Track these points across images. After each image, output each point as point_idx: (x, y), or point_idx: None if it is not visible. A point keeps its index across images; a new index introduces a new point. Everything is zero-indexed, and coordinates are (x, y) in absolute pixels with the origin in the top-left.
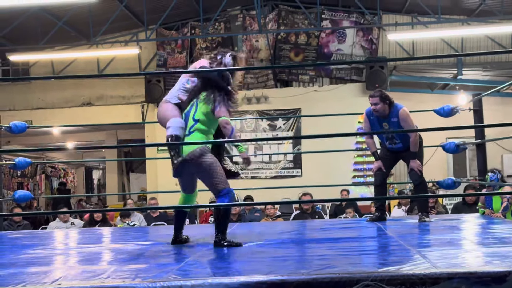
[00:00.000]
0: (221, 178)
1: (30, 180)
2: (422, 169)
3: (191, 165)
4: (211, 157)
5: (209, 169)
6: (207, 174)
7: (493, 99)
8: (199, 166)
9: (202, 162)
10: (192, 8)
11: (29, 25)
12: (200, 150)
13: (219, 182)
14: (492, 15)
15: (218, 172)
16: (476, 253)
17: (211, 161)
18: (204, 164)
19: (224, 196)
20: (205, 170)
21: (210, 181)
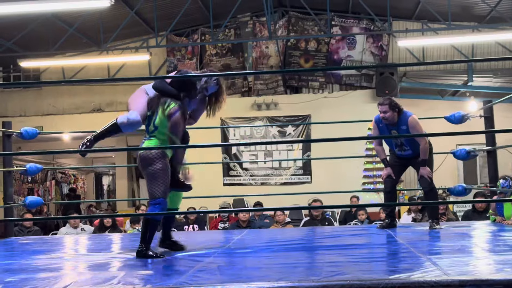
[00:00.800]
0: (161, 187)
1: (41, 186)
2: (432, 176)
3: (139, 164)
4: (161, 165)
5: (151, 175)
6: (148, 179)
7: (504, 106)
8: (145, 167)
9: (149, 166)
10: (202, 15)
11: (40, 32)
12: (154, 155)
13: (155, 191)
14: (503, 22)
15: (160, 180)
16: (487, 260)
17: (158, 168)
18: (150, 168)
19: (155, 206)
20: (148, 174)
21: (149, 186)
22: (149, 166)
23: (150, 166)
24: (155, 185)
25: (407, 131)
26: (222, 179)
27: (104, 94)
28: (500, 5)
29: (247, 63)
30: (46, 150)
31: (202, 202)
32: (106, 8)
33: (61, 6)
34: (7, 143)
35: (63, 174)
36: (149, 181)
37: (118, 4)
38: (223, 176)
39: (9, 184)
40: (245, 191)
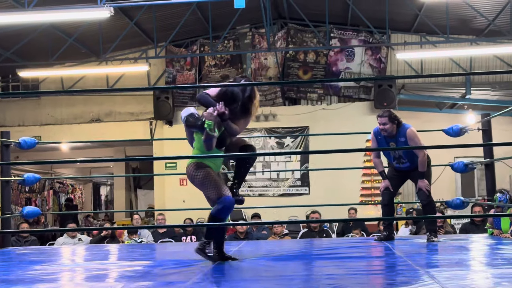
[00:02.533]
0: (214, 189)
1: (38, 196)
2: (430, 189)
3: (189, 179)
4: (201, 173)
5: (201, 185)
6: (201, 189)
7: (502, 119)
8: (193, 180)
9: (195, 177)
10: (201, 26)
11: (40, 42)
12: (190, 169)
13: (212, 194)
14: (500, 35)
15: (209, 184)
16: (485, 274)
17: (201, 176)
18: (195, 181)
19: (218, 204)
20: (198, 186)
21: (205, 193)
22: (194, 179)
23: (195, 178)
24: (208, 191)
25: (406, 143)
26: None
27: (103, 105)
28: (498, 19)
29: (246, 74)
30: (44, 160)
31: (200, 213)
32: (105, 19)
33: (61, 17)
34: (5, 152)
35: (61, 184)
36: (203, 191)
37: (118, 15)
38: None
39: (7, 194)
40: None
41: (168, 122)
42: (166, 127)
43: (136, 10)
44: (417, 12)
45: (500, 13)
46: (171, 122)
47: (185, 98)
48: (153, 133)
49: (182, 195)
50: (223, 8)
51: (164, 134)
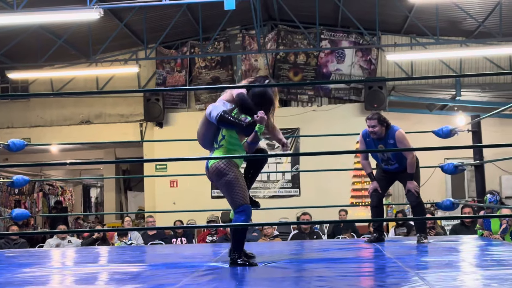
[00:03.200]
0: (240, 194)
1: (28, 198)
2: (419, 190)
3: (213, 178)
4: (233, 173)
5: (228, 185)
6: (226, 190)
7: (491, 120)
8: (218, 180)
9: (222, 178)
10: (191, 27)
11: (29, 43)
12: (220, 166)
13: (236, 198)
14: (490, 37)
15: (237, 188)
16: (474, 275)
17: (231, 178)
18: (223, 180)
19: (240, 214)
20: (224, 186)
21: (228, 196)
22: (223, 177)
23: (224, 176)
24: (234, 194)
25: (394, 145)
26: (210, 192)
27: (93, 106)
28: (488, 21)
29: (236, 76)
30: (34, 162)
31: (190, 215)
32: (95, 20)
33: (50, 18)
34: None
35: (51, 186)
36: (226, 192)
37: (107, 17)
38: (211, 189)
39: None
40: None
41: (159, 124)
42: (156, 128)
43: (126, 12)
44: (407, 14)
45: (489, 15)
46: (161, 124)
47: (175, 99)
48: (143, 135)
49: (172, 197)
50: (213, 9)
51: (154, 135)
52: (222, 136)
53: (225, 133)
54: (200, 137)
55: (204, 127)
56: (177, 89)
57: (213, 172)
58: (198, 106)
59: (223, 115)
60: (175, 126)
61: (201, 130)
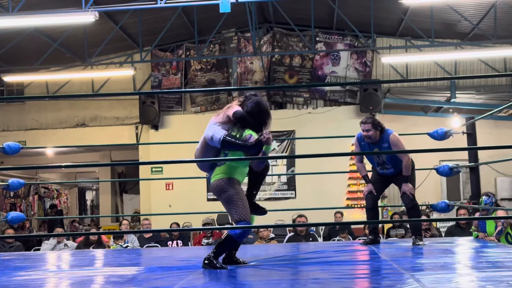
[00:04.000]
0: (238, 210)
1: (23, 201)
2: (414, 193)
3: (215, 193)
4: (233, 190)
5: (228, 201)
6: (226, 206)
7: (486, 122)
8: (219, 196)
9: (222, 194)
10: (187, 30)
11: (24, 46)
12: (220, 184)
13: (235, 214)
14: (485, 39)
15: (236, 204)
16: (470, 277)
17: (232, 194)
18: (223, 196)
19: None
20: (224, 202)
21: (228, 212)
22: (222, 194)
23: (224, 193)
24: (233, 210)
25: (389, 149)
26: (206, 195)
27: (88, 109)
28: (482, 23)
29: (232, 79)
30: (29, 165)
31: (186, 218)
32: (90, 23)
33: (45, 21)
34: None
35: (46, 189)
36: (227, 207)
37: (103, 19)
38: (207, 192)
39: None
40: None
41: (154, 126)
42: (152, 131)
43: (121, 15)
44: (402, 17)
45: (484, 17)
46: (157, 127)
47: (171, 102)
48: (139, 138)
49: (168, 200)
50: (208, 12)
51: (150, 138)
52: (225, 154)
53: (227, 151)
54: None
55: (204, 151)
56: (173, 91)
57: (214, 188)
58: (193, 109)
59: (225, 138)
60: (171, 128)
61: (200, 154)
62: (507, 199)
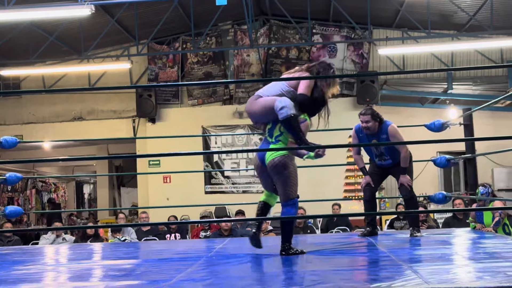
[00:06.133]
0: (294, 188)
1: (21, 195)
2: (412, 184)
3: (273, 171)
4: (293, 167)
5: (287, 179)
6: (282, 183)
7: (483, 113)
8: (278, 174)
9: (283, 172)
10: (183, 23)
11: (20, 40)
12: (285, 159)
13: (290, 192)
14: (481, 30)
15: (293, 182)
16: (467, 268)
17: (292, 171)
18: (285, 172)
19: (291, 206)
20: (282, 179)
21: (284, 188)
22: (284, 170)
23: (286, 169)
24: (290, 187)
25: (387, 140)
26: (204, 187)
27: (85, 102)
28: (479, 14)
29: (229, 71)
30: (26, 159)
31: (184, 211)
32: (86, 17)
33: (41, 15)
34: None
35: (44, 183)
36: (283, 184)
37: (99, 12)
38: (204, 184)
39: None
40: (227, 199)
41: (151, 119)
42: (149, 124)
43: (117, 8)
44: (399, 8)
45: (480, 8)
46: (154, 120)
47: (168, 95)
48: (136, 131)
49: (166, 193)
50: (205, 5)
51: (147, 131)
52: (280, 132)
53: (283, 130)
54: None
55: (264, 112)
56: (170, 84)
57: (277, 164)
58: (190, 102)
59: (292, 118)
60: (168, 121)
61: (259, 112)
62: (504, 190)
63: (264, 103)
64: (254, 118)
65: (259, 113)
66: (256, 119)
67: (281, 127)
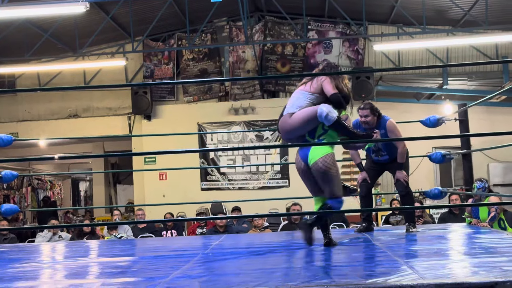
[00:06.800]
0: (339, 187)
1: (17, 193)
2: (408, 180)
3: (317, 172)
4: (336, 168)
5: (333, 176)
6: (328, 182)
7: (478, 108)
8: (323, 174)
9: (328, 172)
10: (178, 20)
11: (15, 38)
12: (332, 158)
13: (337, 190)
14: (476, 26)
15: (338, 180)
16: (463, 263)
17: (337, 169)
18: (332, 171)
19: (339, 203)
20: (327, 179)
21: (330, 187)
22: (331, 169)
23: (332, 168)
24: (336, 186)
25: (386, 135)
26: (200, 184)
27: (81, 100)
28: (474, 9)
29: (224, 68)
30: (22, 158)
31: (180, 208)
32: (81, 14)
33: (36, 12)
34: None
35: (40, 180)
36: (329, 183)
37: (94, 10)
38: (200, 181)
39: None
40: (223, 195)
41: (147, 116)
42: (144, 121)
43: (112, 4)
44: (394, 4)
45: (475, 4)
46: (150, 117)
47: (163, 92)
48: (131, 128)
49: (162, 190)
50: (200, 1)
51: (142, 128)
52: (323, 130)
53: (327, 127)
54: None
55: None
56: (164, 83)
57: (323, 164)
58: (186, 99)
59: (338, 120)
60: (164, 118)
61: (299, 125)
62: (500, 185)
63: (303, 115)
64: (292, 134)
65: (299, 126)
66: (294, 134)
67: (324, 125)
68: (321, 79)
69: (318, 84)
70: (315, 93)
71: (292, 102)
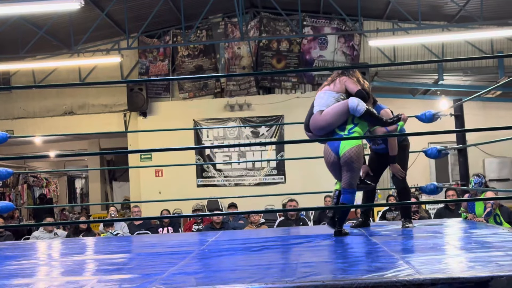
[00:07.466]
0: (357, 179)
1: (12, 190)
2: (404, 175)
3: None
4: (361, 160)
5: (355, 170)
6: (350, 172)
7: (474, 103)
8: (349, 165)
9: (354, 163)
10: (173, 16)
11: (10, 35)
12: (360, 149)
13: (354, 182)
14: (472, 21)
15: (358, 173)
16: (459, 258)
17: (360, 165)
18: (358, 162)
19: (351, 194)
20: (351, 169)
21: (350, 178)
22: (358, 160)
23: (359, 159)
24: (355, 177)
25: None
26: (196, 181)
27: (76, 97)
28: (469, 5)
29: (220, 64)
30: (17, 155)
31: (176, 204)
32: (76, 10)
33: (30, 9)
34: None
35: (35, 178)
36: (351, 174)
37: (88, 6)
38: (196, 178)
39: None
40: (219, 192)
41: (142, 113)
42: (140, 118)
43: (107, 1)
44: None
45: None
46: (145, 114)
47: (159, 89)
48: (127, 125)
49: (158, 187)
50: None
51: (138, 125)
52: (354, 124)
53: (357, 121)
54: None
55: (336, 119)
56: (160, 79)
57: (353, 155)
58: (182, 95)
59: (369, 109)
60: (159, 115)
61: (331, 121)
62: (495, 180)
63: (334, 111)
64: (326, 129)
65: (331, 122)
66: (327, 129)
67: (355, 119)
68: (343, 79)
69: (342, 84)
70: (339, 92)
71: (319, 101)
